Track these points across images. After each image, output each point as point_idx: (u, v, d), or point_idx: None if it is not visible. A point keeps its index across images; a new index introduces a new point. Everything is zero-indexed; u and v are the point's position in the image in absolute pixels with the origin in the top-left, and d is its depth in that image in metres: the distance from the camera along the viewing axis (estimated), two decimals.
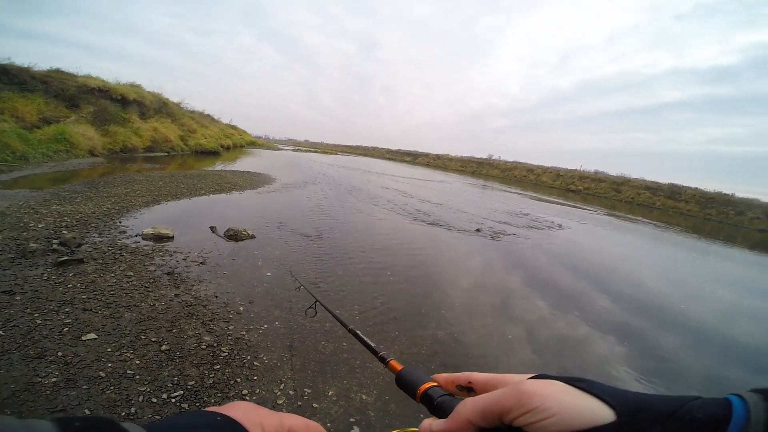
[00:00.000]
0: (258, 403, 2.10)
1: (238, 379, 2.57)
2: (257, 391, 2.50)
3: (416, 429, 0.40)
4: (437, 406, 0.42)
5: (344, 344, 3.20)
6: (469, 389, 0.42)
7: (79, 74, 17.43)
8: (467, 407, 0.36)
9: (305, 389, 2.58)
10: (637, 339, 4.43)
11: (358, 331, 0.71)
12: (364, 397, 2.61)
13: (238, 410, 0.36)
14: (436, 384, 0.45)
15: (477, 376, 0.42)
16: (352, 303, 4.09)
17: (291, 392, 2.54)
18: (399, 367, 0.53)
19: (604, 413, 0.29)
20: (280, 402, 2.43)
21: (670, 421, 0.26)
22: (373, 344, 0.64)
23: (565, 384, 0.33)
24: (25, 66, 14.84)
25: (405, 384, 0.49)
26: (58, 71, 16.59)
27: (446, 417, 0.37)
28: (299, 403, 2.45)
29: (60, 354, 2.54)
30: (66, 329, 2.81)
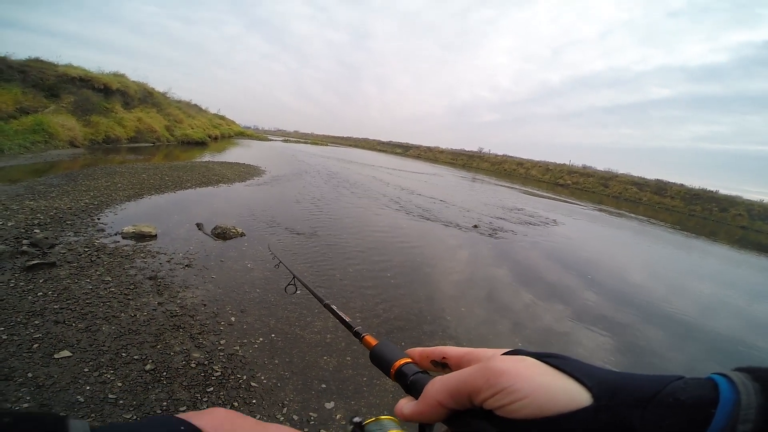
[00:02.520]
0: None
1: (235, 403, 2.28)
2: (258, 416, 2.21)
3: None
4: (411, 384, 0.39)
5: (348, 359, 2.93)
6: (443, 365, 0.39)
7: (60, 63, 16.64)
8: (436, 387, 0.33)
9: (310, 413, 2.31)
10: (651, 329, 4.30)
11: (334, 306, 0.67)
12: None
13: (213, 418, 0.33)
14: (410, 360, 0.42)
15: (451, 351, 0.39)
16: (353, 311, 3.82)
17: (295, 417, 2.26)
18: (374, 342, 0.49)
19: (580, 396, 0.26)
20: None
21: (651, 404, 0.24)
22: (348, 319, 0.61)
23: (537, 360, 0.30)
24: (2, 55, 14.07)
25: (379, 360, 0.46)
26: (37, 60, 15.81)
27: (419, 396, 0.35)
28: (306, 430, 2.18)
29: (30, 375, 2.22)
30: (36, 345, 2.48)
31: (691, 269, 10.00)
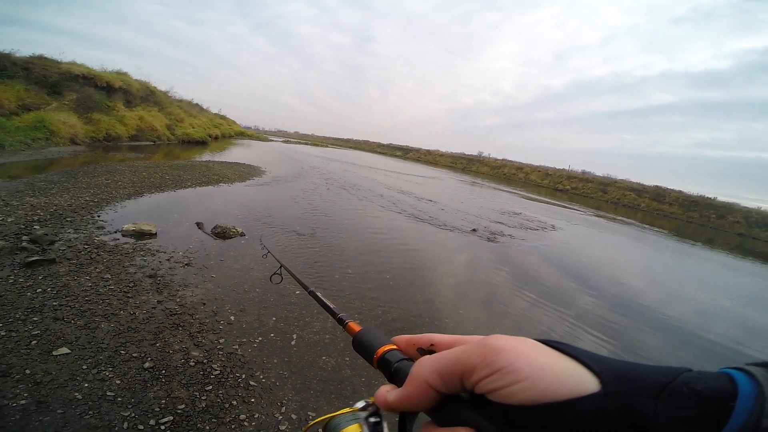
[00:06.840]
0: (258, 430, 1.82)
1: (234, 402, 2.29)
2: (256, 415, 2.22)
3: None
4: (395, 372, 0.37)
5: (347, 359, 2.94)
6: (431, 353, 0.35)
7: (64, 61, 16.59)
8: (424, 366, 0.30)
9: (309, 412, 2.32)
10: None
11: (318, 293, 0.68)
12: None
13: None
14: (395, 347, 0.40)
15: (440, 338, 0.36)
16: (352, 311, 3.82)
17: (293, 416, 2.27)
18: (357, 328, 0.48)
19: (587, 381, 0.24)
20: (283, 428, 2.17)
21: (665, 394, 0.22)
22: (332, 306, 0.60)
23: (540, 343, 0.28)
24: (6, 52, 14.03)
25: (362, 347, 0.44)
26: (41, 57, 15.75)
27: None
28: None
29: (28, 372, 2.22)
30: (34, 342, 2.47)
31: (687, 276, 10.04)
